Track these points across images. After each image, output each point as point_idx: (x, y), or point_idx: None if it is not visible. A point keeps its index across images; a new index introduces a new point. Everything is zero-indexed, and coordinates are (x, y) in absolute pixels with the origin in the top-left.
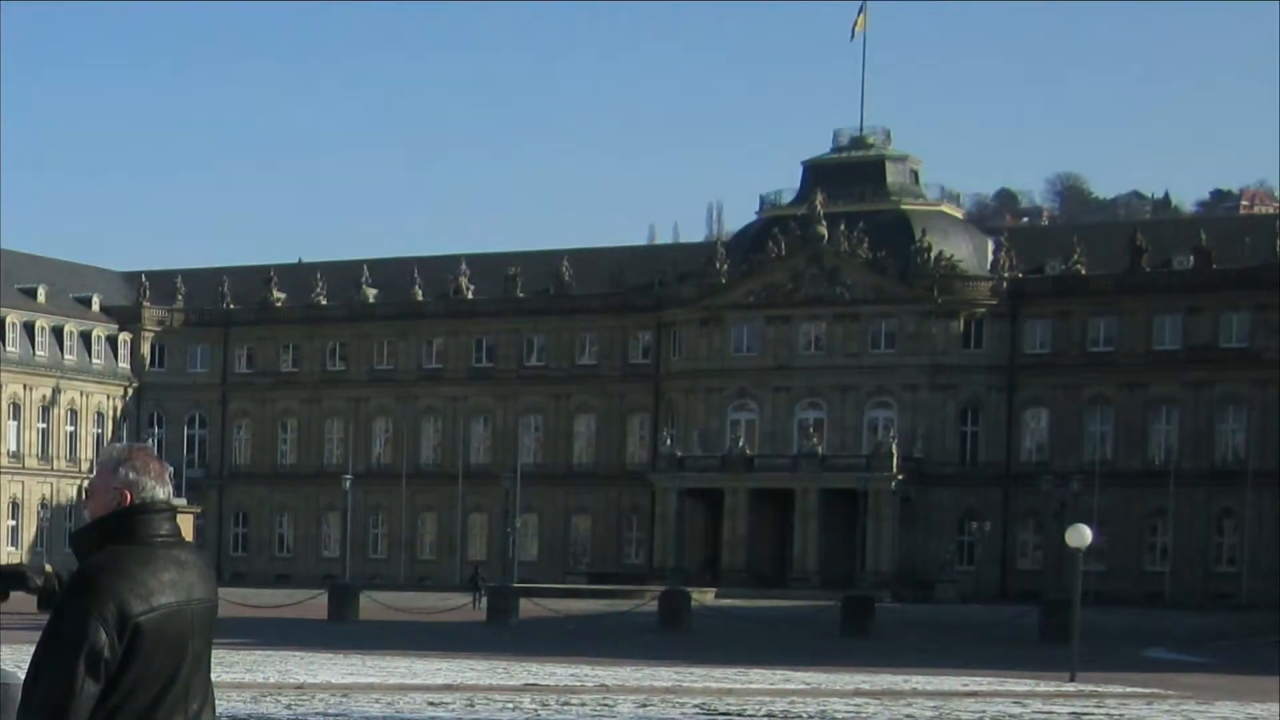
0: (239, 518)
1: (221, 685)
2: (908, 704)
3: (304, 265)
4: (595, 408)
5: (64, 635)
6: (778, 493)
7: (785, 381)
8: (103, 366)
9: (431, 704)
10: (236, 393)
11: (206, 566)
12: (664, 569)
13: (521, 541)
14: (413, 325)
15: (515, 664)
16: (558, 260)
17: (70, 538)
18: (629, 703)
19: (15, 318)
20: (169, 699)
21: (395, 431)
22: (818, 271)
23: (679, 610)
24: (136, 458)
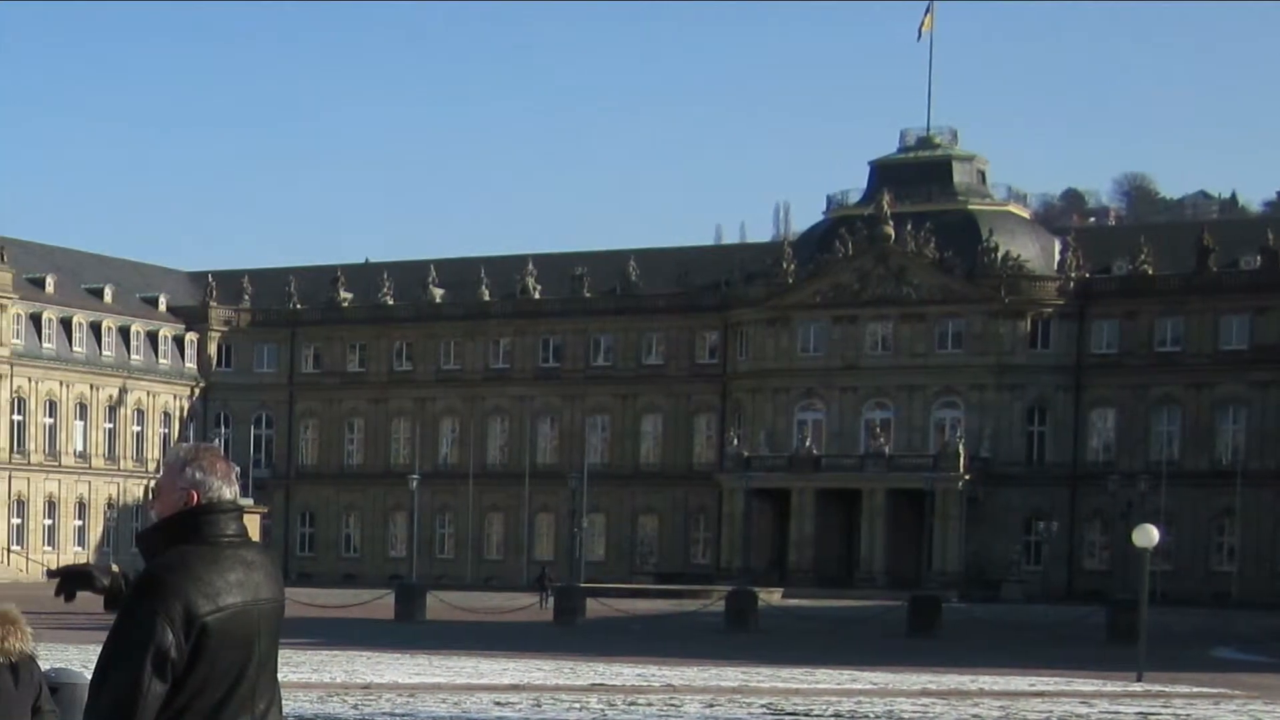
0: (306, 518)
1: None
2: (974, 704)
3: (371, 265)
4: (662, 408)
5: (131, 635)
6: (844, 493)
7: (852, 381)
8: (169, 367)
9: (498, 704)
10: (303, 393)
11: (273, 566)
12: (730, 569)
13: (588, 541)
14: (480, 325)
15: (582, 664)
16: (624, 260)
17: (137, 538)
18: (696, 703)
19: (82, 318)
20: (236, 699)
21: (462, 431)
22: (885, 272)
23: (746, 610)
24: (203, 458)
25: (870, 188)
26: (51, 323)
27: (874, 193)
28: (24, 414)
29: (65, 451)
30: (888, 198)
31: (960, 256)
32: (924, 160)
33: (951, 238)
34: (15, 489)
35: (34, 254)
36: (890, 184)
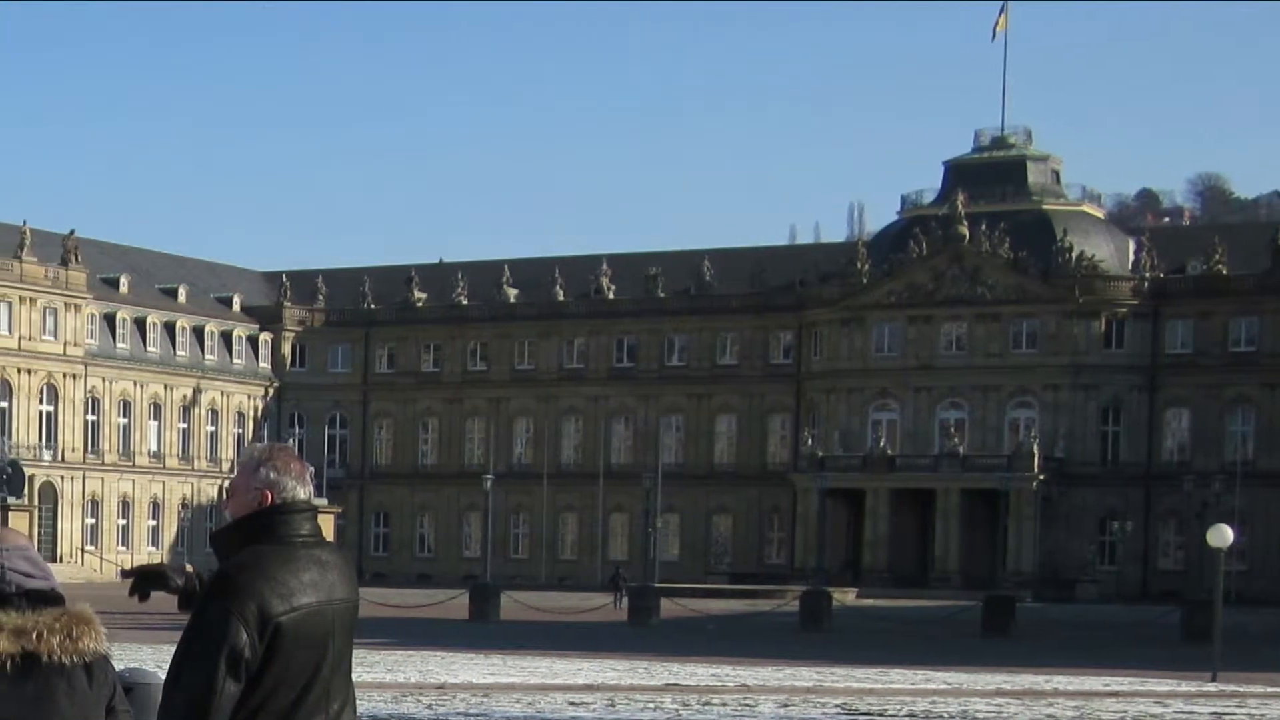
0: (380, 518)
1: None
2: (1049, 704)
3: (445, 265)
4: (736, 407)
5: (205, 635)
6: (919, 493)
7: (926, 381)
8: (243, 366)
9: (572, 704)
10: (377, 393)
11: (347, 566)
12: (805, 569)
13: (663, 541)
14: (554, 325)
15: (656, 664)
16: (699, 260)
17: (211, 538)
18: (770, 703)
19: (156, 318)
20: (310, 699)
21: (536, 431)
22: (959, 272)
23: (820, 610)
24: (277, 458)
25: (945, 188)
26: (126, 323)
27: (948, 193)
28: (98, 414)
29: (139, 452)
30: (962, 198)
31: (1035, 257)
32: (999, 160)
33: (1026, 238)
34: (89, 489)
35: (108, 254)
36: (965, 184)
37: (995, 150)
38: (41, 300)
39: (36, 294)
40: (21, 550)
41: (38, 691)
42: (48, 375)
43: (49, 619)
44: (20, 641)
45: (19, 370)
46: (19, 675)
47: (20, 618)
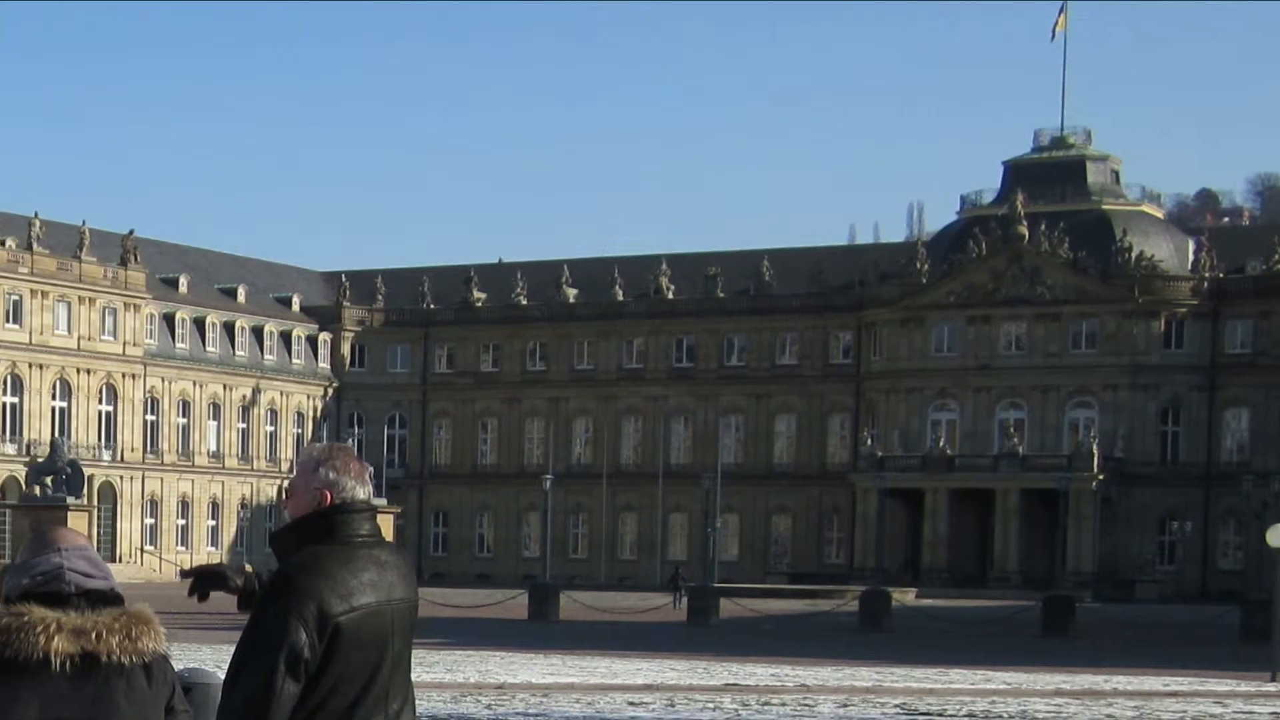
0: (439, 517)
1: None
2: (1108, 704)
3: (504, 265)
4: (796, 407)
5: (264, 635)
6: (978, 492)
7: (986, 381)
8: (303, 366)
9: (632, 704)
10: (437, 393)
11: (407, 566)
12: (864, 569)
13: (722, 541)
14: (613, 325)
15: (716, 664)
16: (758, 260)
17: (270, 538)
18: (829, 703)
19: (215, 318)
20: (369, 698)
21: (595, 431)
22: (1018, 271)
23: (879, 610)
24: (336, 458)
25: (1004, 188)
26: (185, 323)
27: (1008, 193)
28: (157, 414)
29: (198, 451)
30: (1022, 198)
31: (1094, 257)
32: (1058, 160)
33: (1085, 238)
34: (149, 489)
35: (167, 254)
36: (1024, 184)
37: (1055, 150)
38: (101, 300)
39: (96, 294)
40: (81, 550)
41: (97, 692)
42: (107, 375)
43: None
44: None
45: (78, 370)
46: (79, 675)
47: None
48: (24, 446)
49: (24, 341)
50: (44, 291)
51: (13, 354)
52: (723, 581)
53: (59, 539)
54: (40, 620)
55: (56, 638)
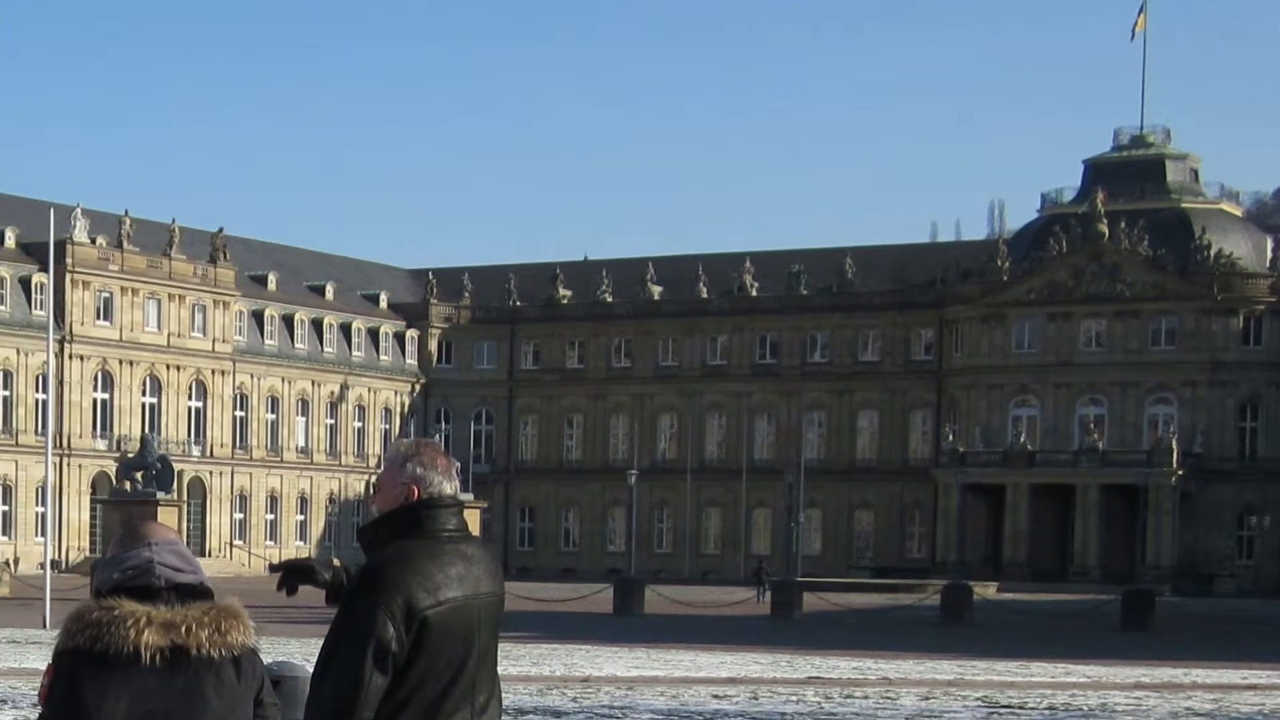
0: (525, 512)
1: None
2: (1187, 697)
3: (590, 262)
4: (878, 403)
5: (352, 629)
6: (1059, 488)
7: (1066, 378)
8: (390, 363)
9: (715, 697)
10: (523, 389)
11: (493, 561)
12: (946, 563)
13: (805, 536)
14: (697, 322)
15: (799, 657)
16: (841, 257)
17: (358, 532)
18: (911, 696)
19: (304, 315)
20: (456, 691)
21: (680, 427)
22: (1098, 269)
23: (961, 604)
24: (424, 453)
25: (1084, 186)
26: (274, 320)
27: (1088, 191)
28: (246, 410)
29: (287, 447)
30: (1102, 196)
31: (1173, 254)
32: (1137, 159)
33: (1164, 235)
34: (238, 484)
35: (256, 252)
36: (1104, 182)
37: (1134, 149)
38: (190, 298)
39: (186, 291)
40: (170, 545)
41: (187, 684)
42: (196, 372)
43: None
44: (169, 635)
45: (168, 367)
46: (168, 668)
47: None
48: (115, 442)
49: (115, 338)
50: (134, 289)
51: (104, 351)
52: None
53: (149, 534)
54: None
55: (146, 631)
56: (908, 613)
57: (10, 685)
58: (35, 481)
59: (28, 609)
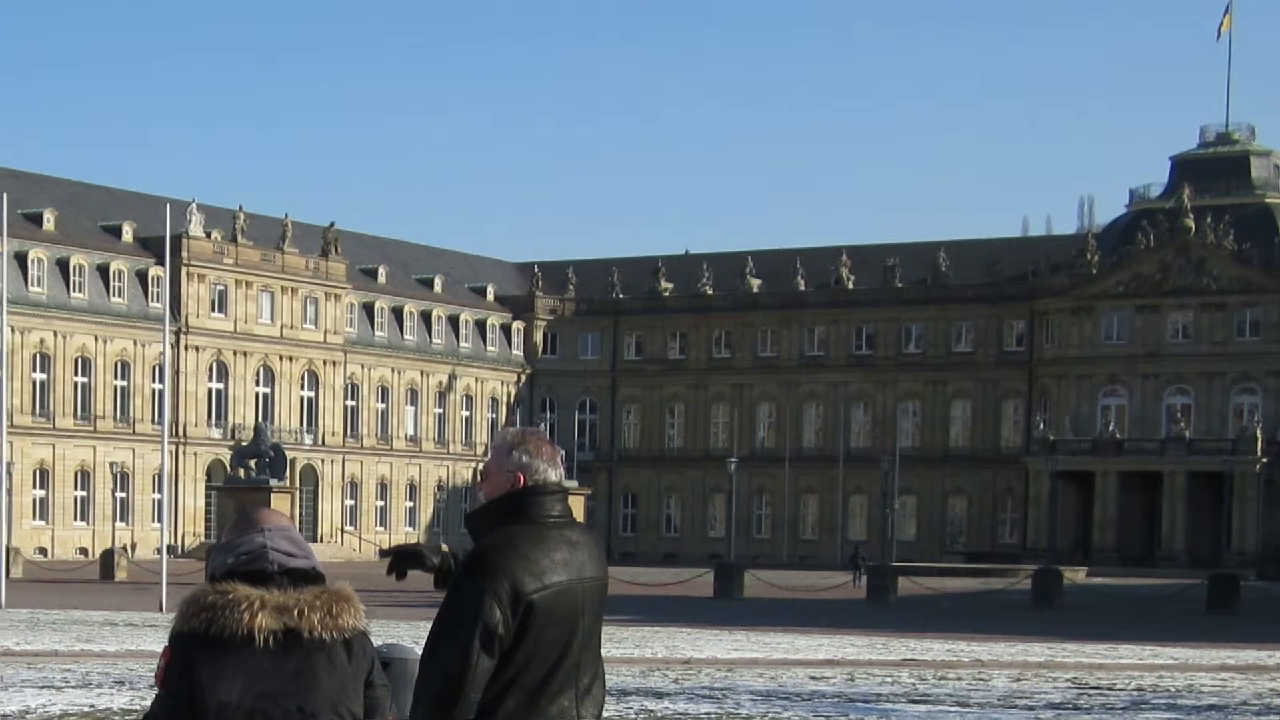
0: (628, 499)
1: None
2: (1271, 679)
3: (691, 256)
4: (970, 393)
5: (460, 612)
6: (1146, 475)
7: (1154, 368)
8: (497, 354)
9: (813, 678)
10: (625, 379)
11: (597, 546)
12: (1037, 548)
13: (900, 522)
14: (795, 314)
15: (894, 640)
16: (934, 251)
17: (466, 518)
18: (1003, 677)
19: (413, 307)
20: (561, 673)
21: (778, 416)
22: (1185, 263)
23: (1051, 588)
24: (529, 441)
25: (1171, 182)
26: (383, 312)
27: (1174, 186)
28: (357, 399)
29: (397, 436)
30: (1188, 191)
31: (1258, 248)
32: (1223, 155)
33: (1249, 230)
34: (349, 471)
35: (367, 246)
36: (1190, 178)
37: (1220, 146)
38: (303, 290)
39: (298, 284)
40: (283, 531)
41: (299, 666)
42: (309, 362)
43: (310, 596)
44: (283, 618)
45: (281, 358)
46: (281, 650)
47: (282, 595)
48: (229, 431)
49: (229, 330)
50: (248, 282)
51: (218, 342)
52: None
53: (262, 520)
54: (245, 598)
55: (260, 614)
56: (999, 597)
57: (128, 667)
58: (152, 469)
59: (144, 593)
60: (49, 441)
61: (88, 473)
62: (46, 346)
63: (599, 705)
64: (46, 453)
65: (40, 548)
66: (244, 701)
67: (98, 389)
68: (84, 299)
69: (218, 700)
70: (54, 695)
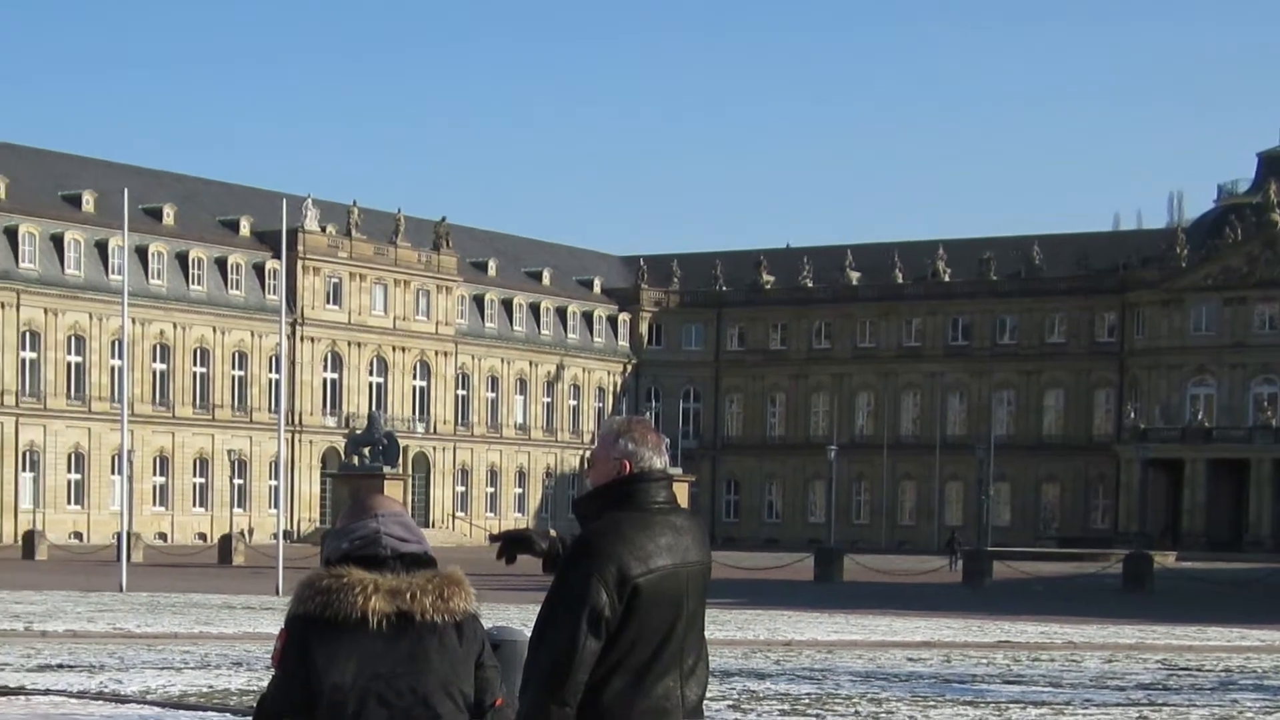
0: (731, 485)
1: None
2: None
3: (792, 250)
4: (1063, 383)
5: (568, 595)
6: (1234, 462)
7: (1241, 359)
8: (603, 345)
9: (910, 660)
10: (728, 369)
11: (700, 531)
12: (1127, 533)
13: (995, 508)
14: (893, 306)
15: (989, 622)
16: (1029, 245)
17: (573, 504)
18: (1095, 659)
19: (522, 299)
20: (665, 655)
21: (877, 405)
22: (1272, 256)
23: (1142, 572)
24: (635, 430)
25: (1258, 177)
26: (493, 304)
27: (1261, 182)
28: (468, 389)
29: (506, 424)
30: (1275, 187)
31: None
32: None
33: None
34: (460, 459)
35: (477, 239)
36: (1277, 174)
37: None
38: (415, 283)
39: (410, 277)
40: (396, 516)
41: (412, 648)
42: (421, 353)
43: (422, 580)
44: (396, 602)
45: (394, 348)
46: (395, 632)
47: (395, 579)
48: (343, 419)
49: (343, 321)
50: (362, 274)
51: (333, 333)
52: (996, 545)
53: (376, 506)
54: (359, 581)
55: (374, 598)
56: (1091, 580)
57: (245, 649)
58: (268, 457)
59: (261, 577)
60: (169, 430)
61: (206, 460)
62: (166, 338)
63: (703, 685)
64: (166, 441)
65: (160, 533)
66: (358, 682)
67: (216, 379)
68: (203, 291)
69: (332, 681)
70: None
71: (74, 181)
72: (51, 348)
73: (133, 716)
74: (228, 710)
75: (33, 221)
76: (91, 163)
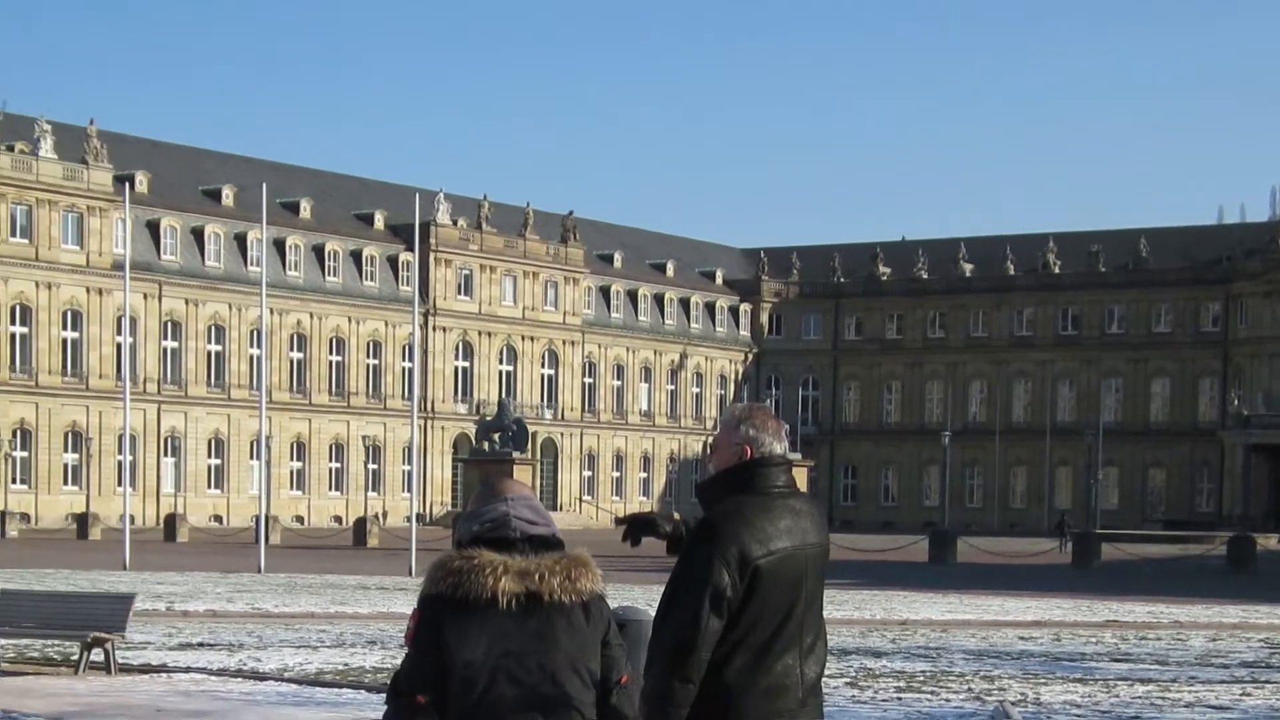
0: (848, 470)
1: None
2: None
3: (907, 242)
4: (1169, 371)
5: (691, 576)
6: None
7: None
8: (725, 334)
9: (1021, 639)
10: (846, 358)
11: (819, 514)
12: (1231, 516)
13: (1103, 492)
14: (1005, 297)
15: (1097, 603)
16: (1136, 238)
17: (696, 489)
18: (1200, 637)
19: (647, 290)
20: (785, 633)
21: (989, 392)
22: None
23: (1246, 554)
24: (756, 416)
25: None
26: (619, 295)
27: None
28: (594, 377)
29: (631, 411)
30: None
31: None
32: None
33: None
34: (587, 444)
35: (603, 233)
36: None
37: None
38: (543, 274)
39: (539, 269)
40: (525, 500)
41: (540, 627)
42: (549, 342)
43: (550, 562)
44: (524, 582)
45: (523, 338)
46: (523, 612)
47: (524, 561)
48: (474, 406)
49: (474, 311)
50: (492, 266)
51: (464, 323)
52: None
53: (506, 489)
54: (489, 563)
55: (503, 578)
56: (1197, 562)
57: (379, 628)
58: (402, 442)
59: (395, 558)
60: (305, 416)
61: (341, 445)
62: (303, 327)
63: (821, 663)
64: (303, 427)
65: (297, 516)
66: (488, 660)
67: (351, 367)
68: (338, 283)
69: (463, 659)
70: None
71: (214, 177)
72: (192, 337)
73: (270, 693)
74: (362, 687)
75: (174, 215)
76: (231, 158)
